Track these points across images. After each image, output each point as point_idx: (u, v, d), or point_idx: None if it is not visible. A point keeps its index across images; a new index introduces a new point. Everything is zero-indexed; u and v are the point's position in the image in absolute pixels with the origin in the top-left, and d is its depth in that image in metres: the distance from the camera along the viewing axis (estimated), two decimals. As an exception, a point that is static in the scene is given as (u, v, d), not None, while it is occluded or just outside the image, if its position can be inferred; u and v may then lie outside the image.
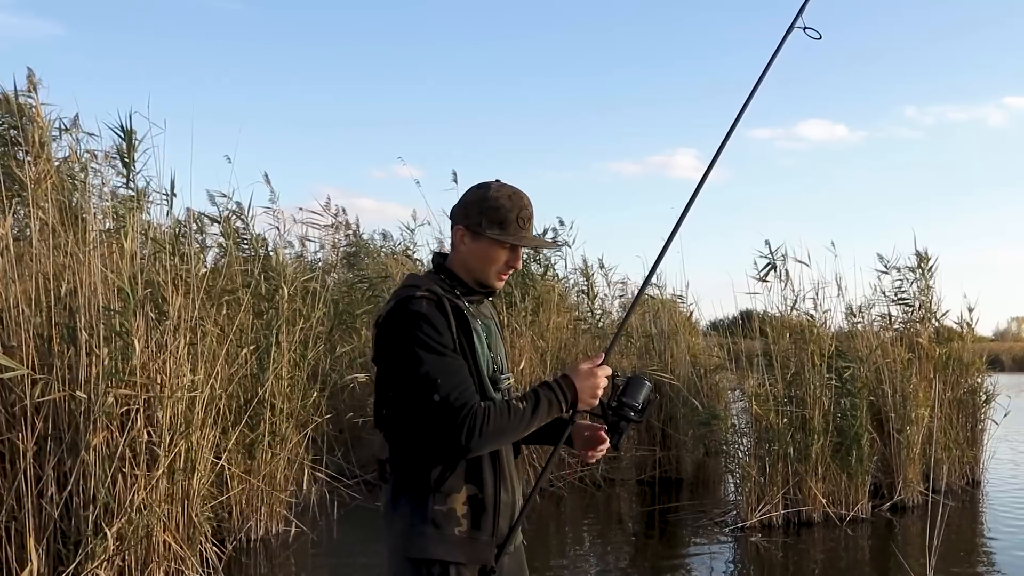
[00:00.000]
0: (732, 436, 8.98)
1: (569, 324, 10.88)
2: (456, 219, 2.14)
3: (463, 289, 2.13)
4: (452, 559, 2.01)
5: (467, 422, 1.94)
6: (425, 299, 2.02)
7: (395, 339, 2.00)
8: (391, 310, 2.03)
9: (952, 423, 9.29)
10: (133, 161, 6.00)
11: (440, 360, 1.97)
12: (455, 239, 2.15)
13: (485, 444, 1.99)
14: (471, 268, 2.14)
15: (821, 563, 6.76)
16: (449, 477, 2.02)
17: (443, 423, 1.94)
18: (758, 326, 9.02)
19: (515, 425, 2.01)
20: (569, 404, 2.09)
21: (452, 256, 2.17)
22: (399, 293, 2.07)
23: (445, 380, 1.95)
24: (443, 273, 2.15)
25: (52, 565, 4.82)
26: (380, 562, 2.02)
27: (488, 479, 2.06)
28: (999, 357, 28.03)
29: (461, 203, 2.15)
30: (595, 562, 6.97)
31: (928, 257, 9.52)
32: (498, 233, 2.09)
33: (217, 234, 8.52)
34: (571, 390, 2.09)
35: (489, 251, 2.11)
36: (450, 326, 2.01)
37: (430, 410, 1.95)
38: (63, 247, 5.34)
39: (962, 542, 7.29)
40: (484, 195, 2.11)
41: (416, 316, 1.98)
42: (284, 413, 7.20)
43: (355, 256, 12.10)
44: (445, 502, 2.02)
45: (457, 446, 1.96)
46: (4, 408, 4.91)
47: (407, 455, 2.05)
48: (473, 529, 2.04)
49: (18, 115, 5.79)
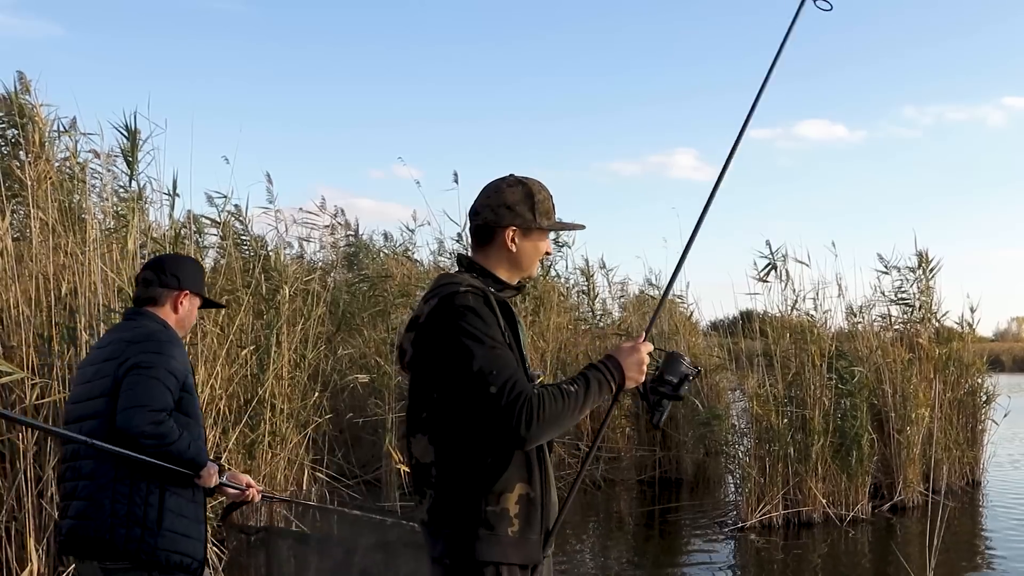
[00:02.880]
0: (732, 436, 8.99)
1: (569, 324, 10.88)
2: (503, 221, 2.13)
3: (498, 286, 2.14)
4: (505, 561, 1.98)
5: (524, 411, 1.90)
6: (471, 293, 2.02)
7: (443, 335, 1.98)
8: (435, 308, 2.02)
9: (952, 423, 9.29)
10: (137, 160, 6.00)
11: (492, 352, 1.95)
12: (501, 240, 2.14)
13: (543, 432, 1.95)
14: (520, 264, 2.17)
15: (821, 564, 6.76)
16: (502, 476, 1.98)
17: (501, 415, 1.90)
18: (758, 326, 9.03)
19: (570, 409, 1.98)
20: (617, 383, 2.08)
21: (492, 257, 2.16)
22: (440, 291, 2.05)
23: (499, 371, 1.93)
24: (475, 271, 2.15)
25: (52, 565, 4.82)
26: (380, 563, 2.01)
27: (537, 476, 2.05)
28: (999, 357, 28.00)
29: (502, 205, 2.13)
30: (595, 562, 6.97)
31: (929, 258, 9.53)
32: (547, 222, 2.17)
33: (217, 234, 8.52)
34: (617, 369, 2.08)
35: (539, 243, 2.18)
36: (497, 320, 2.02)
37: (486, 403, 1.91)
38: (63, 247, 5.34)
39: (962, 542, 7.29)
40: (528, 191, 2.15)
41: (464, 309, 1.98)
42: (284, 413, 7.20)
43: (355, 256, 12.09)
44: (498, 502, 1.98)
45: (516, 436, 1.92)
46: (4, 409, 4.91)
47: (456, 456, 2.00)
48: (525, 528, 2.01)
49: (18, 115, 5.78)
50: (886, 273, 9.72)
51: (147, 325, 2.81)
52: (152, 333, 2.77)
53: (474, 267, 2.16)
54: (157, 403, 2.59)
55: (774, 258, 8.77)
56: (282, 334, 7.29)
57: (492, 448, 1.98)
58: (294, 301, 7.66)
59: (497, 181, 2.18)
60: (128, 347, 2.70)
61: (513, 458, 2.00)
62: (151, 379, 2.61)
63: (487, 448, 1.98)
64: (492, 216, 2.14)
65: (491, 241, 2.16)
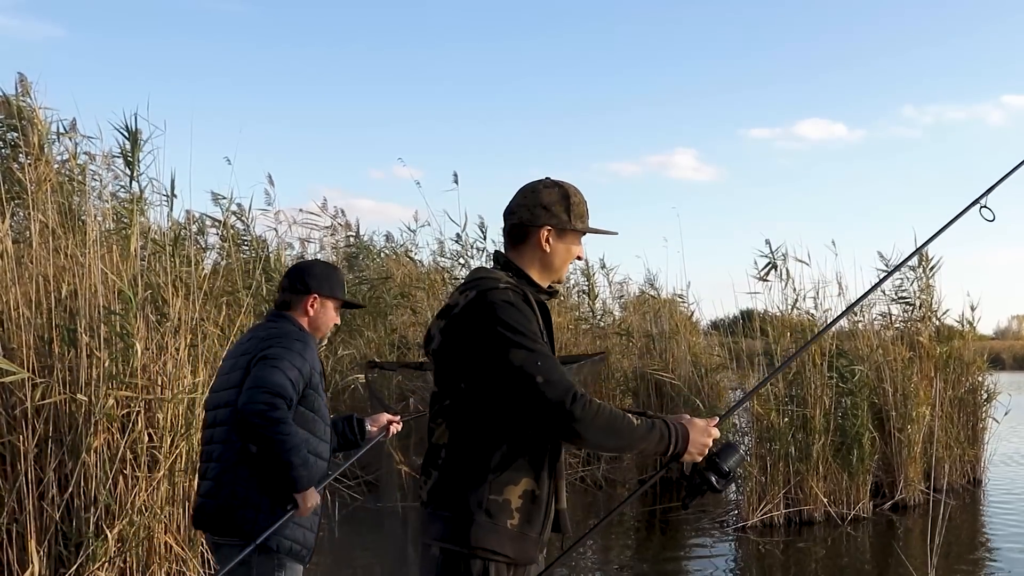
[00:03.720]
0: (733, 436, 8.97)
1: (570, 324, 10.88)
2: (539, 221, 2.14)
3: (532, 288, 2.13)
4: (501, 551, 1.96)
5: (579, 400, 1.90)
6: (511, 290, 2.03)
7: (480, 328, 1.97)
8: (474, 300, 2.01)
9: (953, 422, 9.29)
10: (138, 161, 5.99)
11: (535, 346, 1.95)
12: (536, 240, 2.14)
13: (591, 430, 1.91)
14: (553, 266, 2.17)
15: (822, 563, 6.76)
16: (510, 467, 1.98)
17: (550, 400, 1.89)
18: (759, 325, 9.02)
19: (626, 433, 1.95)
20: (676, 451, 2.03)
21: (526, 257, 2.16)
22: (479, 284, 2.05)
23: (545, 364, 1.92)
24: (511, 270, 2.15)
25: (53, 567, 4.82)
26: (380, 563, 2.00)
27: (546, 478, 2.04)
28: (1000, 355, 28.01)
29: (538, 205, 2.14)
30: (596, 562, 6.96)
31: (929, 257, 9.52)
32: (581, 225, 2.17)
33: (218, 235, 8.52)
34: (684, 439, 2.03)
35: (572, 245, 2.19)
36: (537, 319, 2.02)
37: (533, 391, 1.90)
38: (63, 249, 5.34)
39: (964, 541, 7.29)
40: (564, 193, 2.16)
41: (506, 304, 1.98)
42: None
43: (355, 257, 12.10)
44: (501, 492, 1.97)
45: (566, 421, 1.89)
46: (5, 411, 4.90)
47: (469, 441, 2.00)
48: (524, 524, 2.00)
49: (18, 117, 5.78)
50: (887, 272, 9.73)
51: (283, 326, 3.07)
52: (286, 332, 3.02)
53: (511, 266, 2.15)
54: (274, 387, 2.80)
55: (774, 257, 8.79)
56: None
57: (507, 439, 1.98)
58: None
59: (534, 183, 2.19)
60: (261, 343, 2.98)
61: (525, 454, 2.00)
62: (273, 367, 2.85)
63: (501, 437, 1.98)
64: (528, 215, 2.15)
65: (525, 240, 2.16)
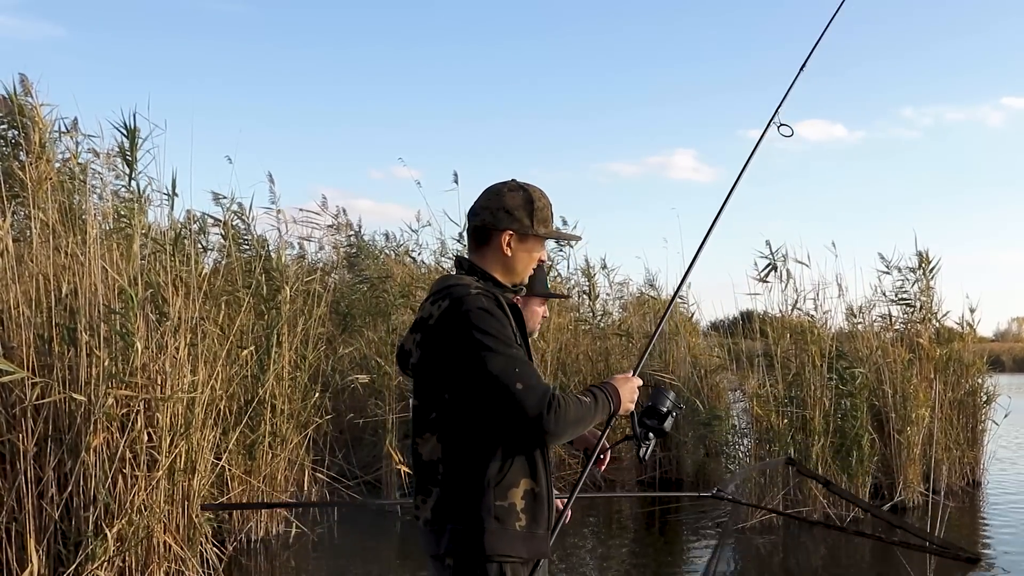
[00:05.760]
0: (733, 437, 8.98)
1: (570, 325, 10.87)
2: (501, 224, 2.15)
3: (499, 289, 2.15)
4: (515, 554, 2.00)
5: (552, 408, 1.95)
6: (483, 295, 2.03)
7: (457, 336, 1.98)
8: (447, 309, 2.02)
9: (952, 424, 9.29)
10: (136, 160, 6.00)
11: (511, 351, 1.97)
12: (497, 243, 2.16)
13: (566, 431, 2.01)
14: (515, 269, 2.20)
15: (822, 564, 6.77)
16: (509, 472, 2.01)
17: (527, 410, 1.93)
18: (758, 326, 9.02)
19: (586, 416, 2.06)
20: (614, 406, 2.18)
21: (488, 258, 2.18)
22: (451, 292, 2.05)
23: (522, 370, 1.96)
24: (476, 274, 2.16)
25: (52, 566, 4.82)
26: (380, 563, 2.00)
27: (542, 473, 2.08)
28: (999, 357, 28.02)
29: (501, 208, 2.15)
30: (595, 562, 6.96)
31: (929, 258, 9.52)
32: (544, 230, 2.19)
33: (219, 234, 8.52)
34: (615, 393, 2.19)
35: (534, 249, 2.21)
36: (510, 322, 2.04)
37: (510, 400, 1.93)
38: (63, 248, 5.35)
39: (962, 543, 7.27)
40: (528, 197, 2.18)
41: (480, 310, 1.99)
42: (285, 414, 7.21)
43: (356, 257, 12.09)
44: (506, 496, 2.00)
45: (541, 432, 1.96)
46: (4, 409, 4.91)
47: (464, 453, 2.02)
48: (531, 523, 2.04)
49: (19, 116, 5.79)
50: (887, 273, 9.73)
51: None
52: None
53: (475, 270, 2.17)
54: None
55: (774, 258, 8.78)
56: (283, 335, 7.29)
57: (500, 445, 2.00)
58: (295, 302, 7.66)
59: (499, 184, 2.20)
60: None
61: (519, 455, 2.03)
62: None
63: (495, 445, 2.00)
64: (490, 218, 2.16)
65: (488, 243, 2.18)
